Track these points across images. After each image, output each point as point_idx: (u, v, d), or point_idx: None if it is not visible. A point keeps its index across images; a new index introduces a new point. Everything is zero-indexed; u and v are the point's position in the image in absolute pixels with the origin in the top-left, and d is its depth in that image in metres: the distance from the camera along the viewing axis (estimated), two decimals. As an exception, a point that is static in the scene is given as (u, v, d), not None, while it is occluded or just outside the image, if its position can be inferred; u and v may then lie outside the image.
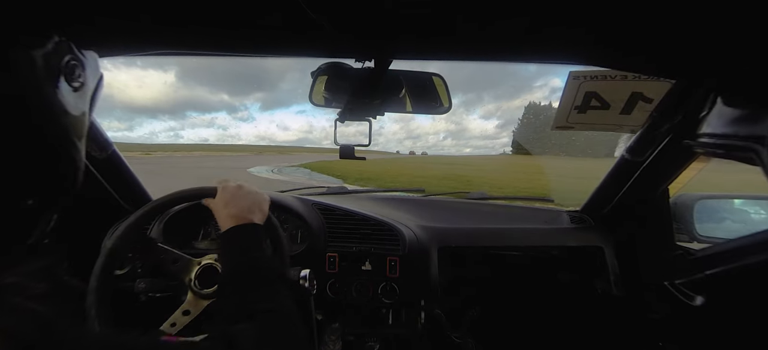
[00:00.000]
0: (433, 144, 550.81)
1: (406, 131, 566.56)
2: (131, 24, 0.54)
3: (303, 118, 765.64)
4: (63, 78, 0.37)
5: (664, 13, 0.50)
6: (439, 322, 1.34)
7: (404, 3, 0.47)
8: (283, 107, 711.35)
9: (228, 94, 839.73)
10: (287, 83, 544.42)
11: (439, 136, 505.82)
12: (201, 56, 0.71)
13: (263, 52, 0.67)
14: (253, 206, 0.73)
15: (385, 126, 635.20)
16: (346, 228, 1.09)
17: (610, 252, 1.16)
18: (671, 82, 0.75)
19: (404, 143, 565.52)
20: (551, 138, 61.91)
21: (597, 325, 1.25)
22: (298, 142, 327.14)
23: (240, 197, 0.73)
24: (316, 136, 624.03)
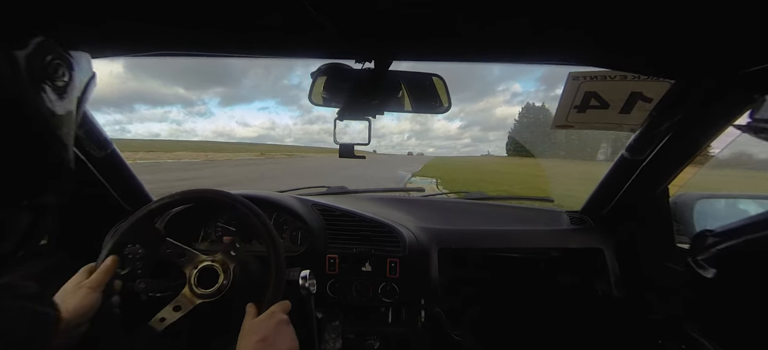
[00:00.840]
0: (398, 143, 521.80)
1: (372, 130, 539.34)
2: (131, 25, 0.54)
3: (265, 114, 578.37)
4: (46, 77, 0.36)
5: (663, 14, 0.50)
6: (439, 321, 1.34)
7: (404, 3, 0.47)
8: (244, 103, 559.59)
9: (184, 88, 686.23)
10: (250, 79, 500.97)
11: (403, 136, 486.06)
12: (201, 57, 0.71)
13: (263, 53, 0.67)
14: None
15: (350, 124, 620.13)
16: (346, 229, 1.09)
17: (610, 254, 1.16)
18: (671, 81, 0.75)
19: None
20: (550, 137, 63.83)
21: (597, 326, 1.25)
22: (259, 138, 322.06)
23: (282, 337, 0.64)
24: (278, 133, 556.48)
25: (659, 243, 1.07)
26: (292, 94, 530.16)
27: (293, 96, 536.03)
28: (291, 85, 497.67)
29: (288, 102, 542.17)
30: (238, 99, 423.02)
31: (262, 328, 0.63)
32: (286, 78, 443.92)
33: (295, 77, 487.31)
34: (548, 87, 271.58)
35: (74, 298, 0.64)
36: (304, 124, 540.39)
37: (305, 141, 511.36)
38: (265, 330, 0.63)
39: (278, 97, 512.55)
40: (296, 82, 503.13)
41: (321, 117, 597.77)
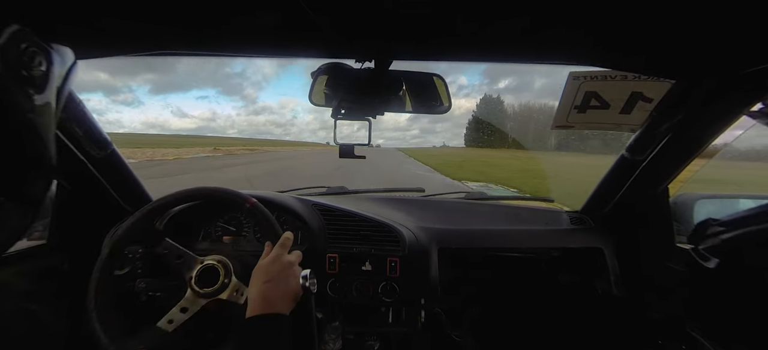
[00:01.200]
0: (347, 134, 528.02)
1: (320, 121, 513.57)
2: (131, 24, 0.54)
3: (204, 104, 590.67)
4: (22, 66, 0.35)
5: (663, 14, 0.50)
6: (439, 321, 1.34)
7: (404, 3, 0.47)
8: (180, 91, 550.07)
9: (108, 73, 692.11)
10: (186, 65, 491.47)
11: (353, 127, 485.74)
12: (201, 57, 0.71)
13: (263, 53, 0.67)
14: (289, 294, 0.70)
15: (298, 116, 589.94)
16: (346, 229, 1.09)
17: (610, 253, 1.16)
18: (671, 81, 0.75)
19: (318, 133, 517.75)
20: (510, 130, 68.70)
21: (597, 326, 1.25)
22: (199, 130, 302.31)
23: (285, 278, 0.70)
24: (220, 124, 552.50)
25: (659, 242, 1.07)
26: (235, 82, 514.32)
27: (236, 85, 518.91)
28: (233, 73, 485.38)
29: (230, 91, 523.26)
30: (172, 86, 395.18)
31: (270, 270, 0.70)
32: (228, 66, 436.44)
33: (238, 65, 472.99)
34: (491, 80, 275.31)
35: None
36: (249, 115, 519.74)
37: (250, 133, 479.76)
38: (272, 271, 0.70)
39: (219, 85, 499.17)
40: (239, 70, 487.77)
41: (267, 107, 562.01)
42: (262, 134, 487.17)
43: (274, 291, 0.67)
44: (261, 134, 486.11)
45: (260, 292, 0.67)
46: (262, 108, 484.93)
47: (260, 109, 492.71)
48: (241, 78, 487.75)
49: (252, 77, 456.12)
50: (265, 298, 0.66)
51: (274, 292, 0.67)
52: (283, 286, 0.69)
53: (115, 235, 0.79)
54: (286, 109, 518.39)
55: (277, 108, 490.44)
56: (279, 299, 0.67)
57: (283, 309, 0.66)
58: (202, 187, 0.85)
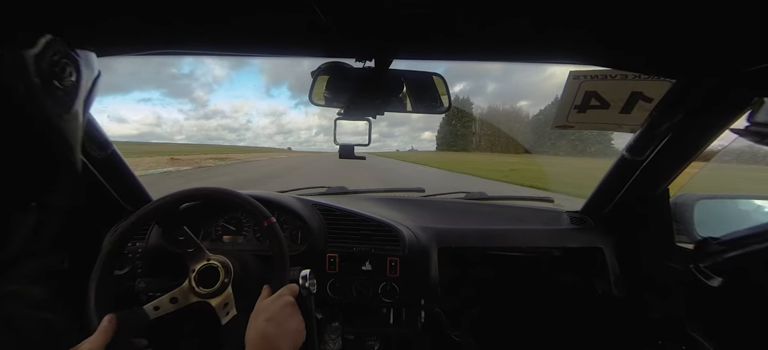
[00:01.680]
0: (306, 139, 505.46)
1: (278, 126, 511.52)
2: (132, 24, 0.54)
3: (147, 107, 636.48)
4: (54, 77, 0.36)
5: (664, 13, 0.50)
6: (439, 321, 1.34)
7: (404, 3, 0.47)
8: (119, 93, 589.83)
9: None
10: (126, 64, 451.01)
11: (311, 131, 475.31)
12: (201, 56, 0.71)
13: (264, 52, 0.67)
14: (293, 336, 0.65)
15: (253, 120, 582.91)
16: (346, 228, 1.09)
17: (610, 253, 1.16)
18: (671, 81, 0.75)
19: (275, 138, 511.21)
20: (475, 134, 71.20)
21: (597, 326, 1.25)
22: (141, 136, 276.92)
23: (289, 317, 0.66)
24: (166, 130, 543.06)
25: (659, 243, 1.07)
26: (183, 84, 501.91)
27: (183, 86, 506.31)
28: (181, 74, 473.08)
29: (177, 93, 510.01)
30: (109, 88, 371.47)
31: (270, 309, 0.66)
32: (174, 66, 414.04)
33: (186, 65, 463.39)
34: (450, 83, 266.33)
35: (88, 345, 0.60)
36: (199, 119, 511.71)
37: (200, 138, 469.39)
38: (273, 310, 0.65)
39: (165, 87, 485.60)
40: (187, 71, 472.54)
41: (219, 111, 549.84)
42: (213, 140, 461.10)
43: (276, 331, 0.62)
44: (212, 140, 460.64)
45: (260, 332, 0.61)
46: (213, 111, 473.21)
47: (211, 113, 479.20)
48: (189, 79, 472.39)
49: (202, 78, 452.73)
50: (265, 338, 0.60)
51: (276, 331, 0.62)
52: (286, 326, 0.64)
53: (115, 235, 0.78)
54: (240, 113, 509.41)
55: (230, 111, 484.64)
56: (282, 339, 0.62)
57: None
58: (222, 188, 0.84)
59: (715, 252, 0.86)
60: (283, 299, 0.68)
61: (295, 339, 0.65)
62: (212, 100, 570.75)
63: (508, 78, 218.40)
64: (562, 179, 14.22)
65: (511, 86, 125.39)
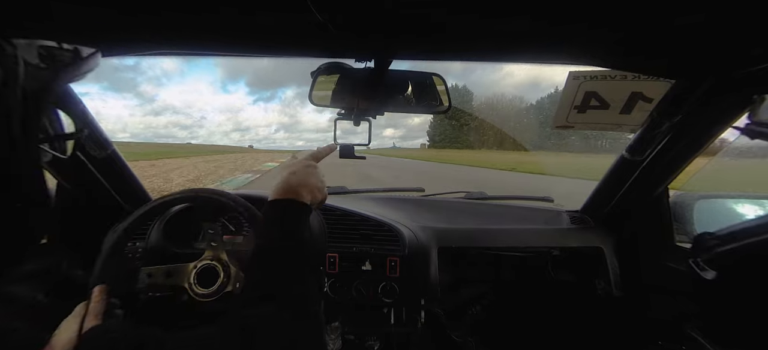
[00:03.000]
0: (265, 136, 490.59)
1: (234, 123, 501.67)
2: (132, 24, 0.54)
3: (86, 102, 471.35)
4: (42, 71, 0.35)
5: (663, 13, 0.50)
6: (440, 321, 1.34)
7: (404, 3, 0.47)
8: None
9: None
10: None
11: (270, 128, 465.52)
12: (201, 56, 0.71)
13: (263, 52, 0.67)
14: (314, 188, 0.68)
15: (207, 116, 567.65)
16: (346, 228, 1.09)
17: (610, 253, 1.16)
18: (671, 81, 0.75)
19: (231, 135, 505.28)
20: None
21: (597, 325, 1.25)
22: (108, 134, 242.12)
23: (310, 174, 0.70)
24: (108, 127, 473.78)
25: (659, 242, 1.07)
26: (126, 77, 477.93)
27: (127, 80, 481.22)
28: (124, 67, 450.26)
29: (120, 87, 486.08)
30: None
31: (294, 165, 0.71)
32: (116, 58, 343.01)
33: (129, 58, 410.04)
34: None
35: (67, 333, 0.59)
36: (146, 116, 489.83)
37: (147, 136, 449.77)
38: (296, 166, 0.70)
39: (105, 80, 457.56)
40: (131, 63, 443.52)
41: (169, 107, 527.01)
42: (162, 137, 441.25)
43: (297, 180, 0.66)
44: (161, 137, 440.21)
45: (283, 180, 0.66)
46: (162, 107, 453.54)
47: (160, 109, 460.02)
48: (134, 72, 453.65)
49: (148, 72, 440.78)
50: (287, 184, 0.65)
51: (296, 180, 0.66)
52: (306, 179, 0.68)
53: (114, 234, 0.78)
54: (193, 108, 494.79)
55: (182, 107, 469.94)
56: (302, 188, 0.65)
57: (305, 199, 0.65)
58: (196, 188, 0.85)
59: (712, 246, 0.86)
60: (306, 161, 0.73)
61: (314, 192, 0.68)
62: (161, 95, 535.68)
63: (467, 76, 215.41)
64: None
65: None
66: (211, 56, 0.70)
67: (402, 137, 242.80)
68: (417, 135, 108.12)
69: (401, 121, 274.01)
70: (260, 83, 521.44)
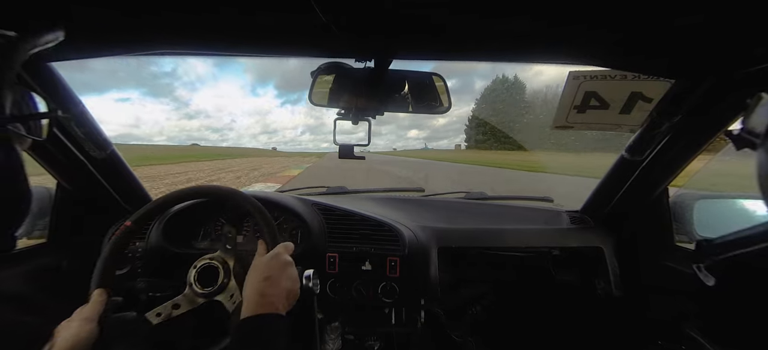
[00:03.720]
0: (291, 138, 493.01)
1: (262, 125, 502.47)
2: (132, 24, 0.54)
3: (126, 107, 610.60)
4: None
5: (663, 13, 0.50)
6: (440, 321, 1.34)
7: (405, 3, 0.47)
8: (95, 93, 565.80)
9: None
10: (102, 63, 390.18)
11: (297, 131, 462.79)
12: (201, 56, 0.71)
13: (264, 52, 0.67)
14: (289, 294, 0.67)
15: (237, 119, 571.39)
16: (346, 228, 1.09)
17: (609, 253, 1.16)
18: (670, 81, 0.75)
19: (259, 138, 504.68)
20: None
21: (597, 325, 1.25)
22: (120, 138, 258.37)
23: (285, 277, 0.67)
24: (145, 131, 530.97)
25: (659, 242, 1.07)
26: (164, 83, 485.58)
27: (165, 85, 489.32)
28: (162, 73, 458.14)
29: (158, 93, 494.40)
30: (84, 87, 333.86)
31: (268, 267, 0.68)
32: (155, 64, 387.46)
33: (167, 64, 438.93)
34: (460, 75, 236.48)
35: (67, 331, 0.63)
36: (180, 120, 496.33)
37: (181, 139, 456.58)
38: (270, 269, 0.67)
39: (144, 86, 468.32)
40: (169, 70, 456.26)
41: (201, 111, 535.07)
42: (195, 140, 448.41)
43: (273, 290, 0.64)
44: (194, 140, 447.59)
45: (258, 290, 0.64)
46: (195, 111, 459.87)
47: (194, 113, 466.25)
48: (171, 78, 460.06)
49: (184, 77, 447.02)
50: (262, 295, 0.63)
51: (272, 290, 0.64)
52: (282, 285, 0.66)
53: (114, 234, 0.79)
54: (223, 112, 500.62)
55: (214, 111, 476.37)
56: (277, 298, 0.64)
57: (281, 309, 0.63)
58: (206, 185, 0.85)
59: (715, 252, 0.85)
60: (280, 258, 0.70)
61: (290, 298, 0.67)
62: (195, 100, 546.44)
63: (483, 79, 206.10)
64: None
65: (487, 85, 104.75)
66: (213, 56, 0.70)
67: (427, 138, 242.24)
68: (442, 135, 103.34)
69: (425, 122, 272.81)
70: (287, 85, 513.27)
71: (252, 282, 0.66)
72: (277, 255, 0.71)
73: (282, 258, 0.71)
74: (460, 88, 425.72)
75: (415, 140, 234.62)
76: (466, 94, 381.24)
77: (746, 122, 0.57)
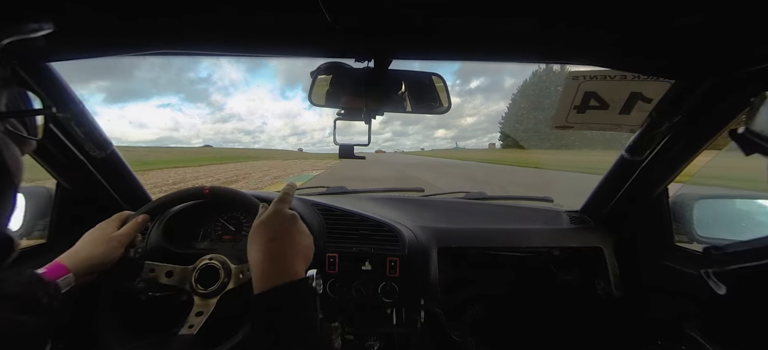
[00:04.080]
0: (319, 140, 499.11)
1: (291, 127, 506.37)
2: (131, 24, 0.54)
3: (166, 112, 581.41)
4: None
5: (663, 13, 0.50)
6: (440, 321, 1.34)
7: (404, 3, 0.47)
8: (139, 99, 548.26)
9: None
10: (145, 71, 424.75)
11: (325, 132, 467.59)
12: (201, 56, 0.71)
13: (263, 52, 0.67)
14: (306, 250, 0.56)
15: (268, 121, 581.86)
16: (346, 228, 1.09)
17: (609, 253, 1.16)
18: (670, 81, 0.75)
19: (288, 140, 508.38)
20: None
21: (597, 325, 1.25)
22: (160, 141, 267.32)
23: (294, 232, 0.56)
24: (184, 134, 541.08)
25: (659, 242, 1.07)
26: (200, 88, 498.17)
27: (201, 90, 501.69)
28: (199, 79, 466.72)
29: (195, 97, 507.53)
30: (129, 94, 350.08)
31: (269, 227, 0.55)
32: (192, 70, 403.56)
33: (204, 70, 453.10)
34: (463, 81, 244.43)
35: (104, 247, 0.68)
36: (216, 123, 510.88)
37: (216, 142, 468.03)
38: (273, 228, 0.55)
39: (183, 92, 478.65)
40: (205, 75, 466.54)
41: (235, 114, 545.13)
42: (229, 143, 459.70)
43: (284, 250, 0.52)
44: (228, 143, 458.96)
45: (266, 253, 0.51)
46: (229, 115, 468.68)
47: (228, 116, 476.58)
48: (207, 83, 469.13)
49: (218, 82, 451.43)
50: (273, 260, 0.51)
51: (283, 251, 0.52)
52: (295, 241, 0.55)
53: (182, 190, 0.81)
54: (255, 115, 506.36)
55: (246, 114, 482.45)
56: (292, 259, 0.52)
57: (299, 271, 0.51)
58: (193, 187, 0.87)
59: (726, 261, 0.84)
60: (282, 213, 0.58)
61: (308, 254, 0.57)
62: (228, 104, 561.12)
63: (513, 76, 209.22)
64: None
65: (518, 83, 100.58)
66: (216, 56, 0.70)
67: (455, 137, 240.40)
68: (470, 134, 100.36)
69: (452, 121, 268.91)
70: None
71: (256, 250, 0.53)
72: (277, 211, 0.58)
73: (284, 212, 0.58)
74: (489, 87, 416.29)
75: (443, 140, 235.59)
76: (494, 92, 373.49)
77: (752, 124, 0.54)
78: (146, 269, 0.75)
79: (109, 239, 0.70)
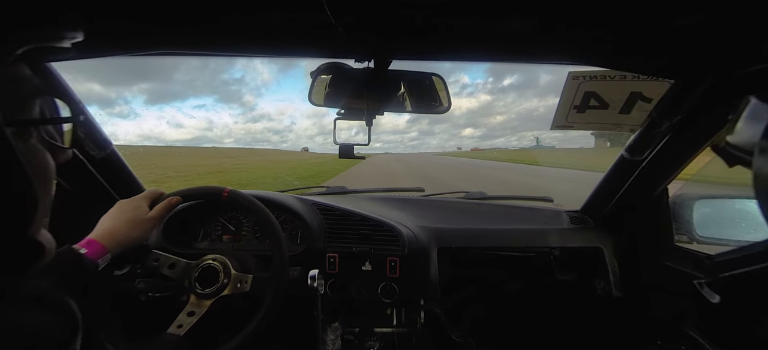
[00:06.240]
0: (345, 139, 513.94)
1: (319, 127, 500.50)
2: (131, 24, 0.54)
3: (201, 113, 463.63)
4: None
5: (663, 14, 0.50)
6: (439, 321, 1.34)
7: (404, 3, 0.47)
8: (177, 100, 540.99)
9: (101, 84, 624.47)
10: (183, 73, 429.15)
11: (351, 131, 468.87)
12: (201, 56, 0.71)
13: (263, 53, 0.67)
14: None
15: (296, 121, 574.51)
16: (345, 228, 1.09)
17: (609, 253, 1.16)
18: (670, 81, 0.75)
19: (315, 139, 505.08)
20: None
21: (597, 325, 1.25)
22: (195, 140, 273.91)
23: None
24: (217, 134, 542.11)
25: (659, 242, 1.07)
26: (233, 89, 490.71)
27: (234, 91, 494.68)
28: (232, 80, 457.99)
29: (228, 98, 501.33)
30: (168, 96, 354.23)
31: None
32: (226, 72, 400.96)
33: (237, 71, 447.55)
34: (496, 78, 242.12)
35: (141, 230, 0.69)
36: (247, 123, 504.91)
37: (247, 141, 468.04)
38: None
39: (217, 93, 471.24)
40: (238, 76, 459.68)
41: (265, 114, 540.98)
42: (259, 142, 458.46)
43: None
44: (258, 142, 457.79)
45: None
46: (260, 115, 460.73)
47: (258, 116, 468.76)
48: (240, 84, 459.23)
49: (251, 83, 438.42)
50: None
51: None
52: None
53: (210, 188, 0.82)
54: (284, 115, 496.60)
55: (275, 114, 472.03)
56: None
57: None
58: (206, 186, 0.87)
59: (717, 269, 0.84)
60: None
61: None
62: (259, 104, 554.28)
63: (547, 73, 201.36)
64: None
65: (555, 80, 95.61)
66: (209, 56, 0.70)
67: (483, 136, 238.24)
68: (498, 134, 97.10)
69: (481, 120, 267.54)
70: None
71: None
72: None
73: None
74: (523, 84, 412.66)
75: (470, 139, 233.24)
76: (527, 89, 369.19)
77: (732, 136, 0.49)
78: (151, 258, 0.76)
79: (144, 221, 0.71)
